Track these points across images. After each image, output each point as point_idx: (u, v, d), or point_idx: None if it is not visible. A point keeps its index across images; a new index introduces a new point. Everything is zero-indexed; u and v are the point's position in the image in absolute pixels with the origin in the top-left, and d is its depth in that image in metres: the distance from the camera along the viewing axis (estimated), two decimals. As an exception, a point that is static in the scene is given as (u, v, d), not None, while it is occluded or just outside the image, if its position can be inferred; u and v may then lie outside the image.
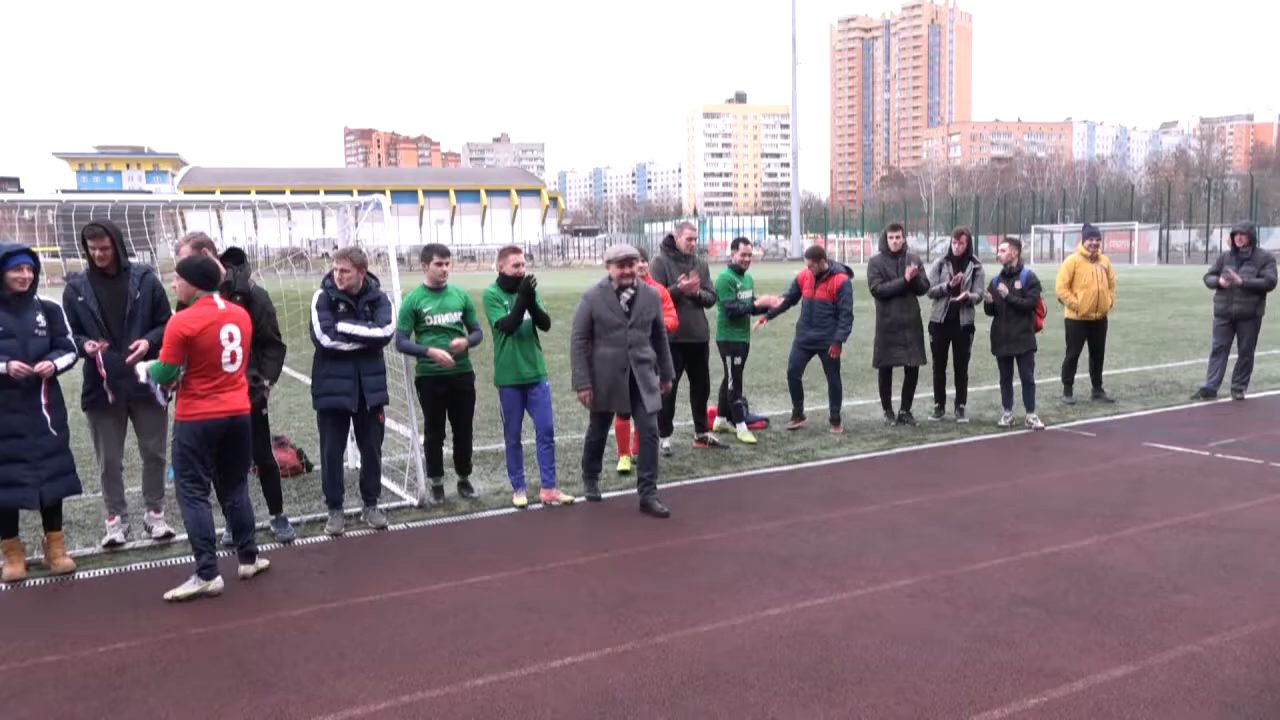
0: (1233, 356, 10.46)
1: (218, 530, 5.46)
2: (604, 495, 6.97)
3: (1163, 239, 60.63)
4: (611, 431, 7.08)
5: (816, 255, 9.17)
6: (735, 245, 8.94)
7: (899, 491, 6.94)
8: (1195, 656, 4.14)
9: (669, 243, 8.40)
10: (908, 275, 8.97)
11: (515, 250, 6.91)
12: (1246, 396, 10.41)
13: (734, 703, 3.82)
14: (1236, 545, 5.59)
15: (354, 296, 6.10)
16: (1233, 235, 10.58)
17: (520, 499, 6.75)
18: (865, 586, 5.04)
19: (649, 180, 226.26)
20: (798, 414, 9.27)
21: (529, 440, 7.04)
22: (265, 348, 5.89)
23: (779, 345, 9.52)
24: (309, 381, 6.35)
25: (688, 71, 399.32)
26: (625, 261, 6.49)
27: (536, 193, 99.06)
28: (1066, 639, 4.34)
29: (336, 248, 6.87)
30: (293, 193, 60.26)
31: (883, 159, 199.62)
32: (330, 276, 6.16)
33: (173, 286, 5.44)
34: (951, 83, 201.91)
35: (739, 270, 8.70)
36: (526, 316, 6.66)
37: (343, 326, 6.01)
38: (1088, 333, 10.35)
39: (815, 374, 9.70)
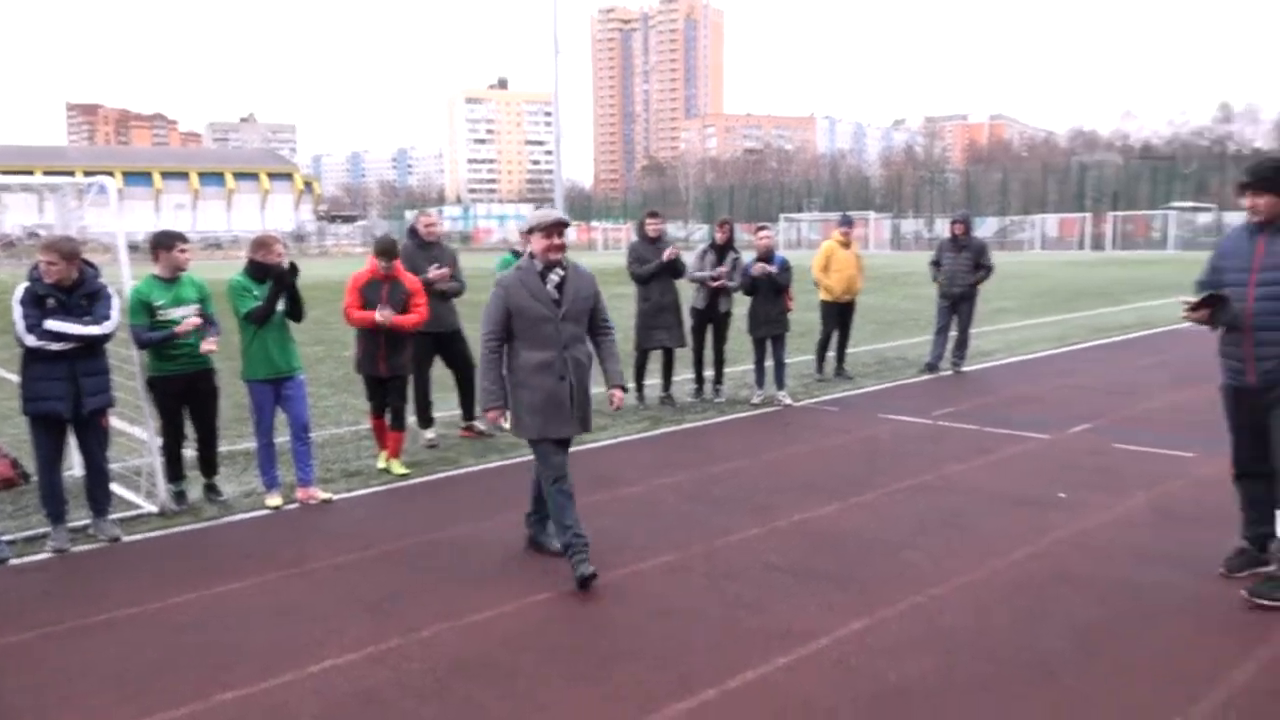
0: (953, 334, 11.57)
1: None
2: (367, 490, 6.75)
3: (895, 227, 65.99)
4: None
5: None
6: (530, 233, 8.87)
7: (660, 471, 7.17)
8: (921, 607, 4.56)
9: (412, 231, 8.27)
10: (665, 257, 9.27)
11: (275, 240, 6.53)
12: (964, 369, 11.55)
13: (502, 689, 3.82)
14: (956, 505, 6.20)
15: (66, 290, 5.50)
16: (952, 224, 11.71)
17: (274, 500, 6.41)
18: (630, 565, 5.18)
19: (410, 166, 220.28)
20: None
21: (282, 438, 6.69)
22: None
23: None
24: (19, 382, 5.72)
25: (449, 56, 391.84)
26: (553, 229, 4.84)
27: (289, 176, 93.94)
28: (812, 600, 4.66)
29: (39, 237, 6.19)
30: (5, 173, 53.86)
31: (643, 148, 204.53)
32: (36, 268, 5.55)
33: None
34: (706, 76, 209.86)
35: (517, 253, 8.64)
36: (280, 306, 6.31)
37: (51, 324, 5.41)
38: (839, 314, 11.11)
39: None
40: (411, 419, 7.60)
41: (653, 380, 9.84)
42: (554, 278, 4.89)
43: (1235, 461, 4.88)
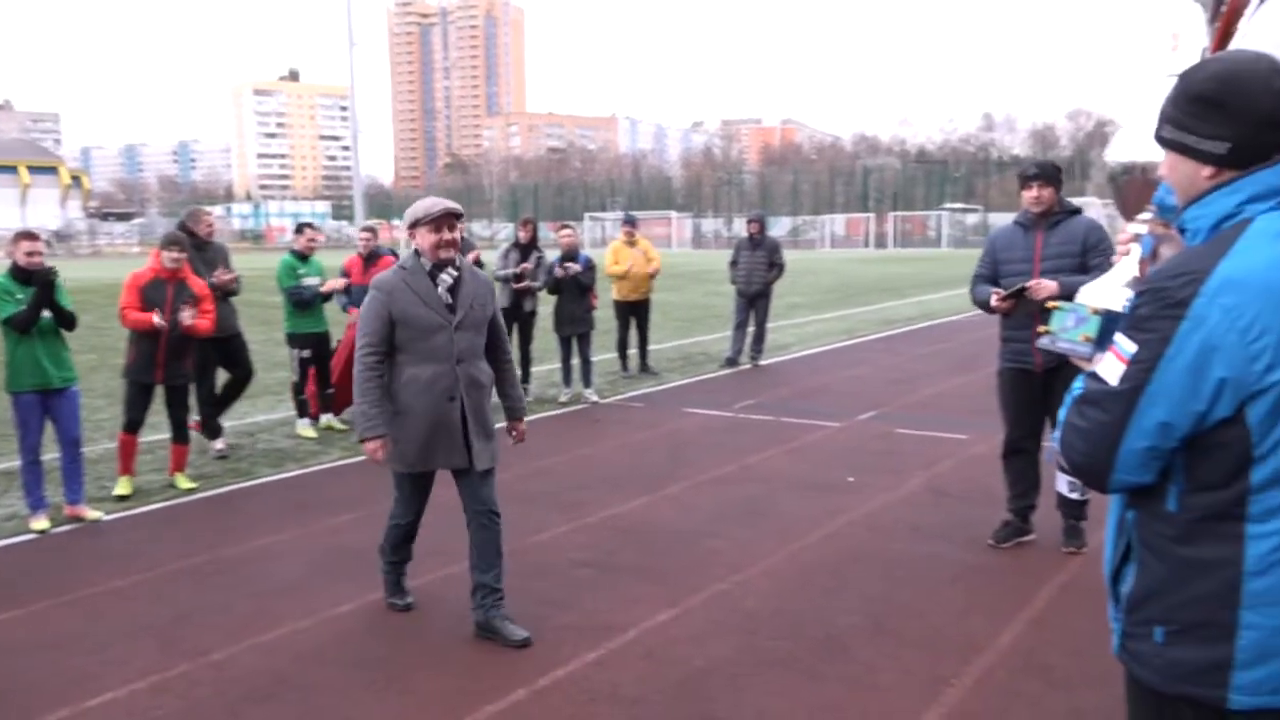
0: (751, 329, 12.04)
1: None
2: (148, 507, 6.30)
3: (696, 226, 67.90)
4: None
5: (372, 231, 9.16)
6: (299, 230, 8.52)
7: (468, 473, 7.06)
8: (725, 593, 4.72)
9: (188, 230, 7.72)
10: (470, 259, 9.15)
11: (30, 236, 5.93)
12: (762, 363, 12.03)
13: (300, 708, 3.67)
14: (757, 493, 6.45)
15: None
16: (748, 223, 12.18)
17: (40, 523, 5.86)
18: (438, 570, 5.08)
19: (193, 160, 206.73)
20: None
21: (50, 455, 6.13)
22: None
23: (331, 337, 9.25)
24: None
25: (234, 44, 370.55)
26: (444, 221, 4.08)
27: (53, 170, 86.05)
28: (619, 593, 4.73)
29: None
30: None
31: (445, 145, 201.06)
32: None
33: None
34: (508, 74, 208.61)
35: (303, 256, 8.29)
36: (46, 314, 5.78)
37: None
38: (632, 311, 11.30)
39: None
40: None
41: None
42: (446, 279, 4.15)
43: (1008, 440, 5.34)
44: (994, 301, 4.95)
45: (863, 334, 15.28)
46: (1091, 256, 4.87)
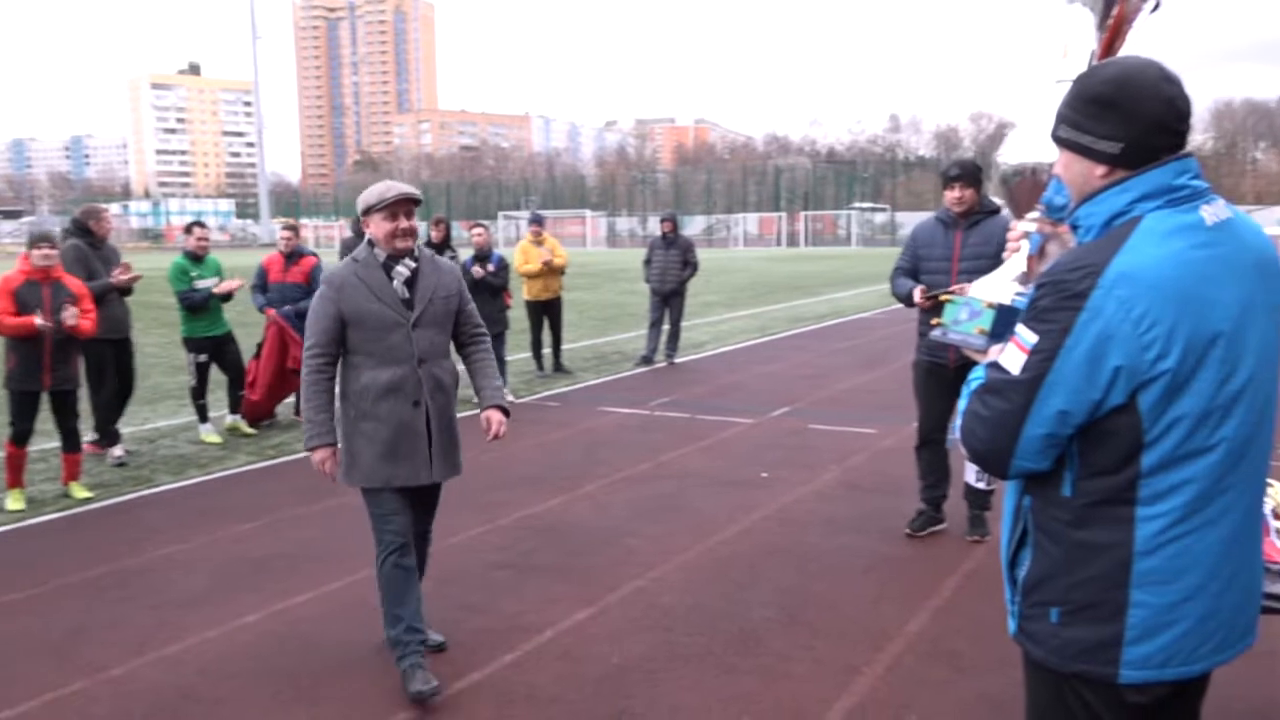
0: (666, 327, 12.10)
1: None
2: (41, 518, 6.02)
3: (610, 225, 67.99)
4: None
5: (293, 229, 8.92)
6: (189, 229, 8.23)
7: (380, 476, 6.94)
8: (642, 590, 4.73)
9: (84, 229, 7.40)
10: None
11: None
12: (677, 361, 12.10)
13: (206, 723, 3.55)
14: (673, 489, 6.48)
15: None
16: (661, 222, 12.23)
17: (-78, 537, 5.56)
18: (346, 577, 4.98)
19: (87, 156, 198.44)
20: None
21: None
22: None
23: (249, 337, 8.99)
24: None
25: (130, 36, 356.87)
26: (400, 207, 3.68)
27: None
28: (536, 594, 4.70)
29: None
30: None
31: (354, 142, 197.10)
32: None
33: None
34: (419, 70, 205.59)
35: (196, 257, 8.02)
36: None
37: None
38: (545, 310, 11.25)
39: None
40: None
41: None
42: (402, 271, 3.73)
43: (920, 431, 5.47)
44: (917, 298, 5.08)
45: (775, 331, 15.50)
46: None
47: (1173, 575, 1.68)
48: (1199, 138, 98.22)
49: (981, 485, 5.35)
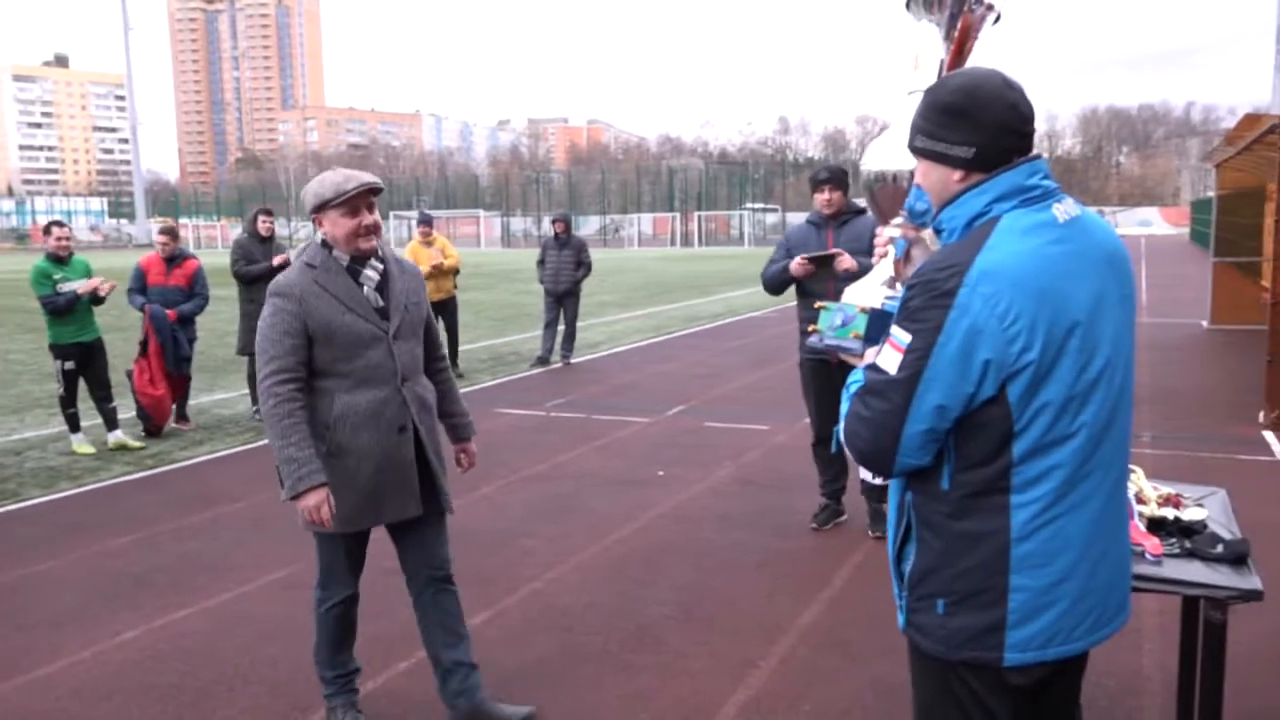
0: (561, 327, 12.07)
1: None
2: (-108, 539, 5.62)
3: (504, 225, 67.44)
4: None
5: (171, 233, 8.56)
6: (48, 230, 7.81)
7: (268, 484, 6.69)
8: (539, 591, 4.71)
9: None
10: (276, 263, 8.73)
11: None
12: (573, 361, 12.09)
13: (81, 747, 3.38)
14: (567, 490, 6.47)
15: None
16: (553, 223, 12.20)
17: None
18: (234, 588, 4.81)
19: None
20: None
21: None
22: None
23: (125, 342, 8.60)
24: None
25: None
26: (362, 200, 3.12)
27: None
28: (432, 600, 4.62)
29: None
30: None
31: (236, 140, 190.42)
32: None
33: None
34: (304, 66, 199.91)
35: (58, 258, 7.61)
36: None
37: None
38: (438, 311, 11.09)
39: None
40: None
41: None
42: (372, 275, 3.16)
43: (814, 428, 5.60)
44: (796, 264, 5.21)
45: (670, 331, 15.62)
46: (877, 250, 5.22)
47: (1048, 558, 1.76)
48: (1068, 142, 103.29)
49: (878, 481, 5.49)
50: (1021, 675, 1.81)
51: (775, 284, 5.42)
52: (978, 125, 1.79)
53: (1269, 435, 7.65)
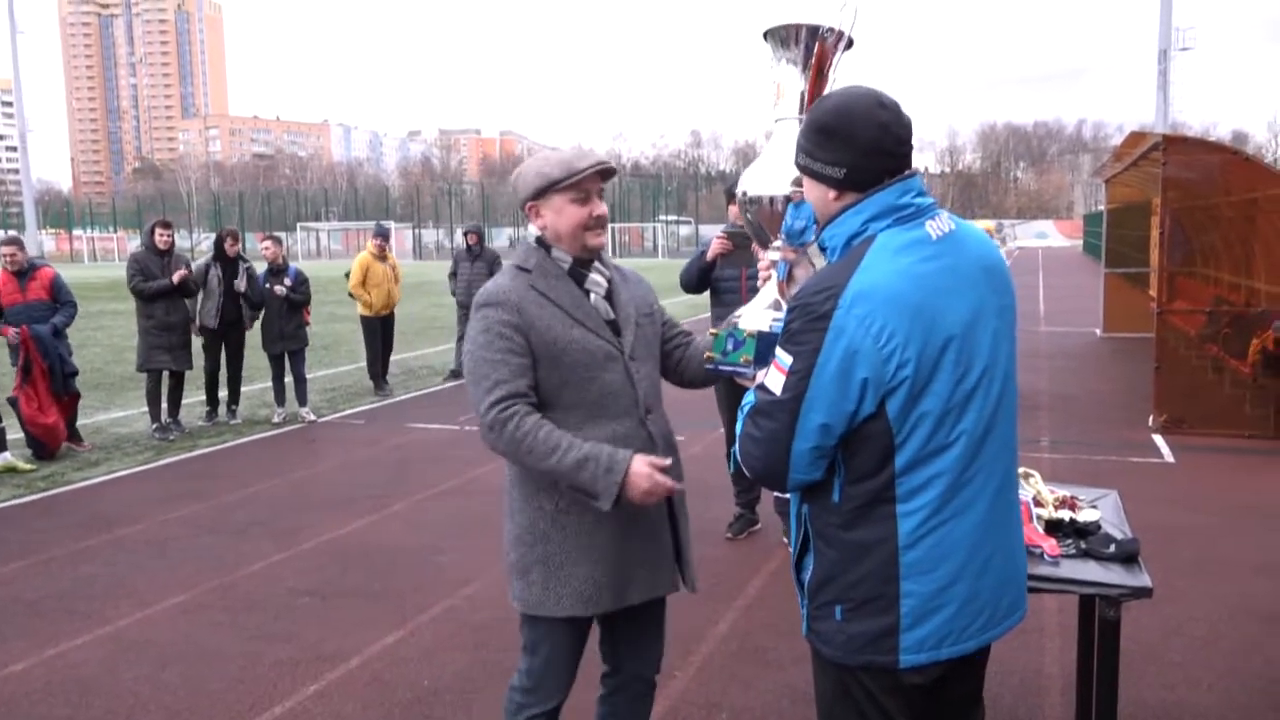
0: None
1: None
2: None
3: (416, 237, 66.58)
4: None
5: (16, 243, 8.08)
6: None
7: (169, 505, 6.50)
8: (454, 609, 4.65)
9: None
10: (175, 280, 8.44)
11: None
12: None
13: (-34, 787, 3.20)
14: (482, 504, 6.40)
15: None
16: (465, 235, 12.07)
17: None
18: (131, 614, 4.62)
19: None
20: None
21: None
22: None
23: None
24: None
25: None
26: (593, 185, 2.49)
27: None
28: (342, 619, 4.52)
29: None
30: None
31: (134, 148, 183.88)
32: None
33: None
34: (205, 74, 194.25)
35: None
36: None
37: None
38: (381, 327, 10.89)
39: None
40: None
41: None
42: (600, 281, 2.53)
43: (728, 439, 5.65)
44: (715, 241, 5.31)
45: (585, 342, 15.59)
46: None
47: (934, 564, 1.83)
48: (968, 157, 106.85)
49: (787, 496, 5.57)
50: (918, 675, 1.87)
51: (694, 276, 5.48)
52: (848, 145, 1.82)
53: (1158, 438, 8.02)
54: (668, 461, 2.39)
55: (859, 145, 1.82)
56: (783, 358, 1.81)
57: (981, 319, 1.83)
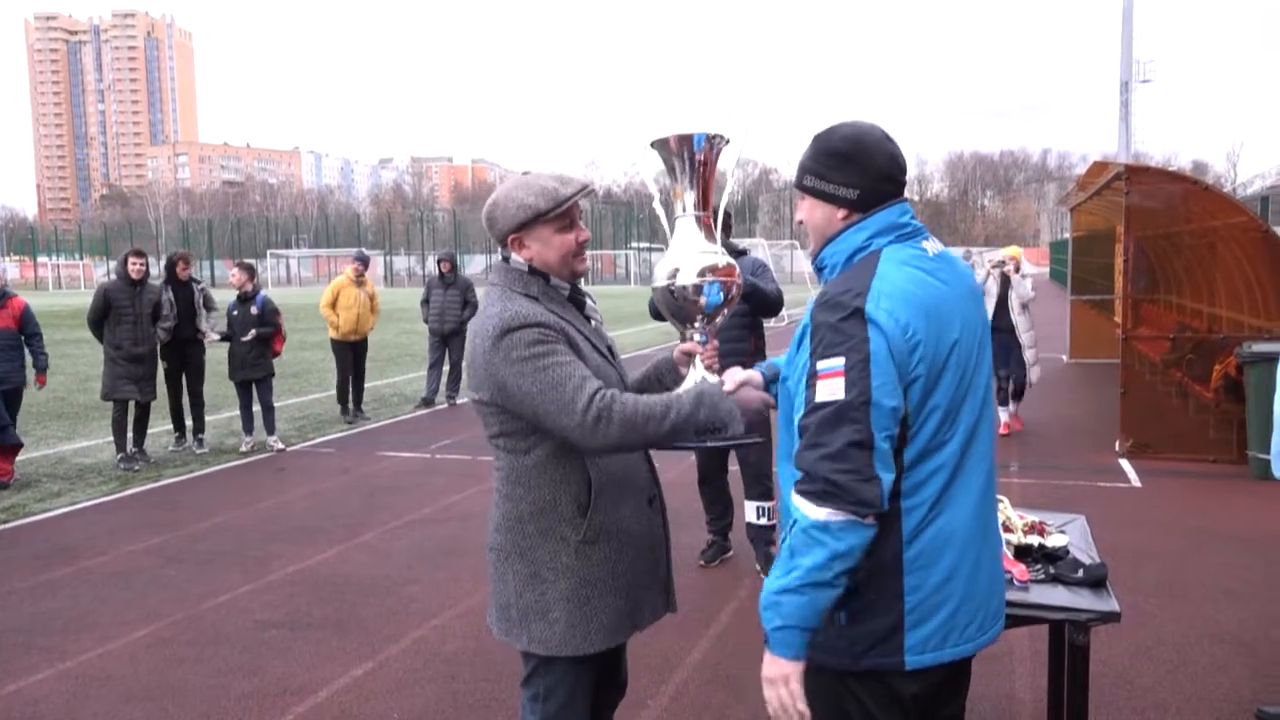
0: (446, 368, 11.89)
1: None
2: None
3: (388, 264, 66.36)
4: None
5: None
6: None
7: (135, 535, 6.39)
8: (424, 640, 4.59)
9: None
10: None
11: None
12: (459, 401, 11.92)
13: (-81, 829, 3.11)
14: (454, 533, 6.35)
15: None
16: (438, 262, 12.07)
17: None
18: (94, 649, 4.53)
19: None
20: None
21: None
22: None
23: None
24: None
25: None
26: (576, 210, 2.46)
27: None
28: (310, 652, 4.46)
29: None
30: None
31: (101, 175, 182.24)
32: None
33: None
34: (175, 101, 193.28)
35: None
36: None
37: None
38: (351, 351, 10.81)
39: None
40: None
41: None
42: (594, 306, 2.58)
43: (699, 467, 5.67)
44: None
45: (558, 369, 15.55)
46: (759, 280, 5.31)
47: (934, 557, 1.87)
48: (936, 186, 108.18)
49: (763, 521, 5.50)
50: (919, 681, 1.88)
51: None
52: (863, 170, 1.96)
53: (1124, 463, 8.11)
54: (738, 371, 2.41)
55: (872, 171, 1.96)
56: (830, 364, 1.81)
57: (971, 329, 1.95)
